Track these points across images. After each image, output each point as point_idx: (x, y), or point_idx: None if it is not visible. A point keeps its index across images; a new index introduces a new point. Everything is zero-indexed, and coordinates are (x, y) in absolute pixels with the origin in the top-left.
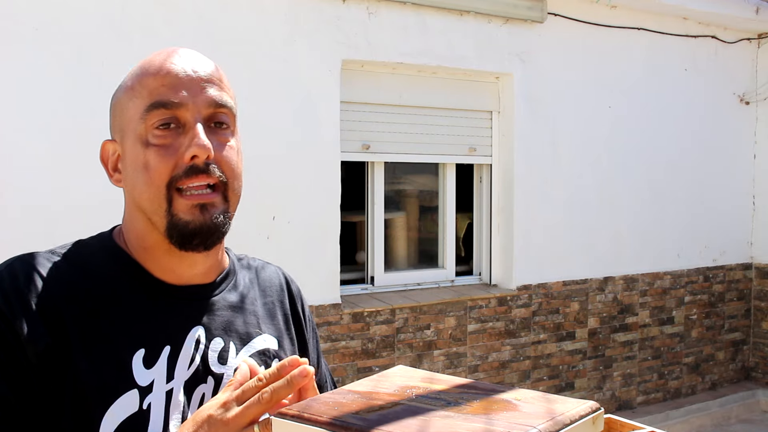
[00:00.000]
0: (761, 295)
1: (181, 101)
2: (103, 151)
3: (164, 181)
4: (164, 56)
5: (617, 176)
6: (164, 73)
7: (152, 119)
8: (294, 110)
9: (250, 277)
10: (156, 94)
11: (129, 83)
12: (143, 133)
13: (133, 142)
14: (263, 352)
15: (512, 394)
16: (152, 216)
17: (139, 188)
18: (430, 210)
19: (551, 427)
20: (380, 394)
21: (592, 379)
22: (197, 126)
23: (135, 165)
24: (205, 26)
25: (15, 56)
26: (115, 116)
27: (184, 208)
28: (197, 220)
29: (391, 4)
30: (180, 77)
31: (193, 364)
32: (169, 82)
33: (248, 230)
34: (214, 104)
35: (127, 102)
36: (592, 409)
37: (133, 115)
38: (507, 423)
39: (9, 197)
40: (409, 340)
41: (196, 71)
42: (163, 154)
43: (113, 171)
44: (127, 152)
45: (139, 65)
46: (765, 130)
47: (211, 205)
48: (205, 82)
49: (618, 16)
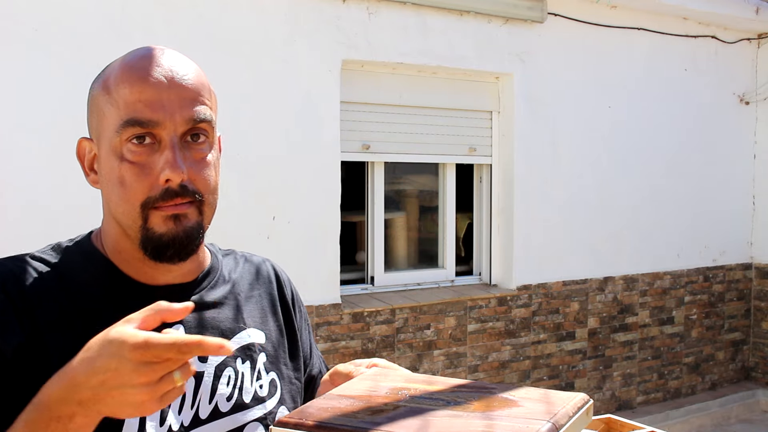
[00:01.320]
0: (761, 295)
1: (158, 120)
2: (80, 149)
3: (139, 201)
4: (145, 62)
5: (617, 176)
6: (142, 86)
7: (127, 134)
8: (294, 110)
9: (236, 271)
10: (132, 110)
11: (107, 85)
12: (117, 146)
13: (107, 152)
14: (248, 347)
15: (507, 391)
16: (126, 229)
17: (114, 201)
18: (430, 210)
19: (561, 419)
20: (376, 396)
21: (592, 379)
22: (172, 147)
23: (110, 177)
24: (204, 26)
25: (15, 56)
26: (92, 114)
27: (158, 221)
28: (171, 232)
29: (391, 4)
30: (159, 92)
31: None
32: (147, 98)
33: (248, 230)
34: (192, 121)
35: (104, 106)
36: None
37: (109, 124)
38: (514, 419)
39: (9, 197)
40: (409, 340)
41: (176, 84)
42: (138, 172)
43: (89, 170)
44: (102, 159)
45: (119, 65)
46: (765, 130)
47: (184, 217)
48: (185, 97)
49: (618, 16)
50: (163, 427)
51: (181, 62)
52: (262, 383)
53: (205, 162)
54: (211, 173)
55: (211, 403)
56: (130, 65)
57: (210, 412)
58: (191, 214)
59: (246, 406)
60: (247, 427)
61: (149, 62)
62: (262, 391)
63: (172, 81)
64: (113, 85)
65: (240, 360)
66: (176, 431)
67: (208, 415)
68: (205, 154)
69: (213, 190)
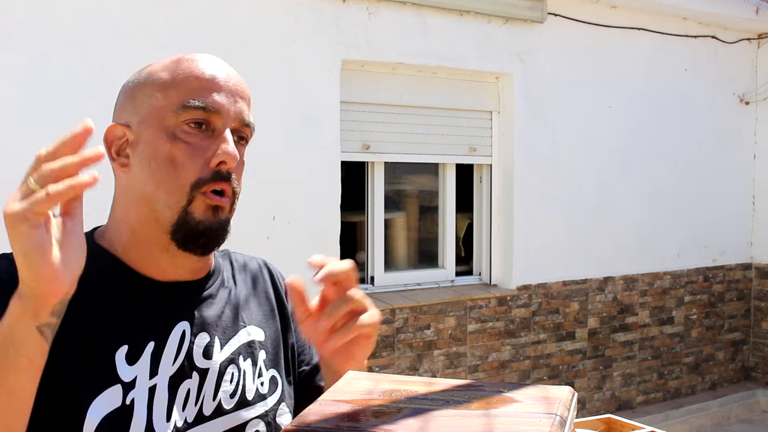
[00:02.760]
0: (761, 295)
1: (219, 108)
2: (109, 134)
3: (190, 180)
4: (207, 61)
5: (617, 176)
6: (209, 76)
7: (186, 116)
8: (294, 110)
9: (234, 272)
10: (197, 94)
11: (161, 75)
12: (172, 126)
13: (156, 132)
14: (249, 344)
15: (504, 389)
16: (162, 209)
17: (158, 179)
18: (430, 210)
19: (564, 412)
20: (373, 400)
21: (592, 379)
22: (227, 133)
23: (157, 156)
24: (205, 26)
25: (14, 57)
26: (132, 101)
27: (201, 207)
28: (208, 221)
29: (391, 4)
30: (222, 86)
31: (178, 360)
32: (212, 87)
33: (248, 230)
34: (243, 121)
35: (156, 91)
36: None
37: (164, 105)
38: (518, 416)
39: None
40: (409, 340)
41: (235, 84)
42: (192, 153)
43: (116, 155)
44: (146, 141)
45: (180, 59)
46: (765, 130)
47: (221, 210)
48: (240, 97)
49: (618, 16)
50: (169, 423)
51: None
52: (263, 380)
53: (242, 164)
54: (241, 177)
55: (215, 400)
56: (191, 61)
57: (214, 409)
58: (226, 208)
59: (249, 403)
60: (249, 424)
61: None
62: (263, 389)
63: (234, 81)
64: (173, 74)
65: (242, 357)
66: (181, 427)
67: (212, 411)
68: (243, 156)
69: (241, 187)
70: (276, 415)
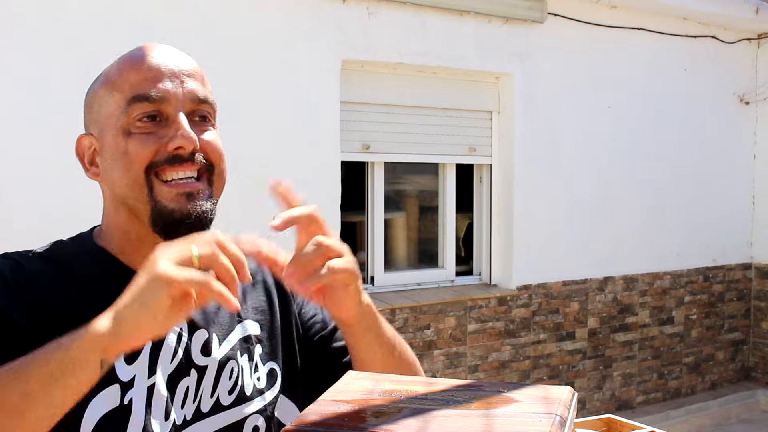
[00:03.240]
0: (761, 295)
1: (164, 95)
2: (79, 145)
3: (143, 165)
4: (144, 51)
5: (617, 176)
6: (146, 66)
7: (135, 111)
8: (294, 110)
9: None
10: (138, 87)
11: (108, 77)
12: (125, 124)
13: (114, 135)
14: (245, 339)
15: (503, 389)
16: (135, 204)
17: (117, 174)
18: (430, 210)
19: (564, 412)
20: (373, 400)
21: (592, 379)
22: (180, 116)
23: (114, 154)
24: (205, 26)
25: (15, 56)
26: (91, 110)
27: (168, 196)
28: (183, 209)
29: (391, 4)
30: (162, 71)
31: (176, 358)
32: (152, 76)
33: (248, 230)
34: (197, 99)
35: (107, 96)
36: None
37: (114, 108)
38: (518, 416)
39: (8, 198)
40: (409, 340)
41: (178, 65)
42: (144, 140)
43: (89, 165)
44: (107, 145)
45: (118, 60)
46: (765, 130)
47: (196, 194)
48: (187, 76)
49: (618, 16)
50: (168, 422)
51: (181, 53)
52: (259, 375)
53: (214, 135)
54: (219, 150)
55: (212, 397)
56: (130, 56)
57: (212, 405)
58: (202, 188)
59: (247, 398)
60: (248, 419)
61: (151, 51)
62: (260, 384)
63: (176, 62)
64: (116, 75)
65: (239, 353)
66: (179, 425)
67: (209, 408)
68: (212, 131)
69: (222, 159)
70: (274, 409)
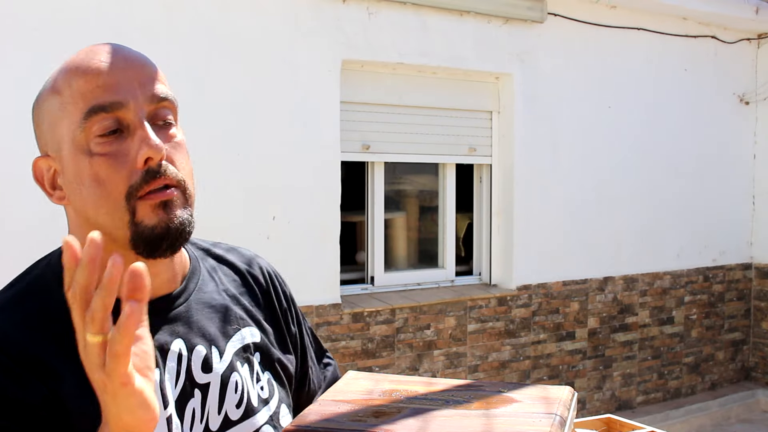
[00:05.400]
0: (761, 295)
1: (120, 101)
2: (37, 170)
3: (122, 193)
4: (90, 54)
5: (617, 176)
6: (96, 72)
7: (92, 126)
8: (294, 110)
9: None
10: (91, 98)
11: (55, 88)
12: (84, 142)
13: (73, 154)
14: (244, 348)
15: (503, 389)
16: (113, 231)
17: (93, 203)
18: (430, 210)
19: (564, 412)
20: (373, 400)
21: (592, 379)
22: (145, 125)
23: (82, 179)
24: (204, 27)
25: (15, 56)
26: (43, 129)
27: (147, 212)
28: (163, 221)
29: (391, 4)
30: (114, 74)
31: (179, 381)
32: (104, 82)
33: (248, 230)
34: (156, 98)
35: (57, 111)
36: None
37: (69, 125)
38: (518, 416)
39: (7, 199)
40: (409, 340)
41: (129, 65)
42: (113, 163)
43: (52, 189)
44: (69, 166)
45: (62, 68)
46: (765, 130)
47: (172, 203)
48: (142, 75)
49: (618, 16)
50: None
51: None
52: (262, 384)
53: (179, 144)
54: (186, 157)
55: (220, 414)
56: (75, 62)
57: (221, 422)
58: (178, 199)
59: (255, 410)
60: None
61: (96, 53)
62: (264, 393)
63: (126, 63)
64: (64, 86)
65: (240, 363)
66: None
67: (219, 426)
68: (175, 135)
69: (190, 174)
70: (279, 417)
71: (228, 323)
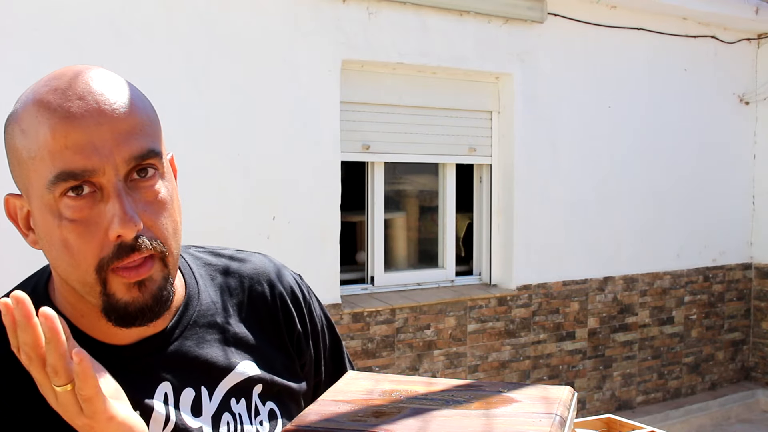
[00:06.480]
0: (761, 295)
1: (93, 167)
2: (10, 207)
3: (92, 265)
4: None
5: (617, 176)
6: (65, 128)
7: (60, 189)
8: (294, 110)
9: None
10: (61, 161)
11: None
12: (52, 203)
13: (41, 212)
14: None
15: (503, 389)
16: (85, 295)
17: (63, 268)
18: (430, 210)
19: (564, 412)
20: (373, 400)
21: (591, 379)
22: (118, 196)
23: (51, 240)
24: (204, 27)
25: (15, 56)
26: (14, 164)
27: (120, 288)
28: (137, 301)
29: (391, 4)
30: (86, 132)
31: (168, 426)
32: (74, 143)
33: (248, 230)
34: (138, 158)
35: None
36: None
37: (37, 179)
38: (518, 416)
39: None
40: (409, 340)
41: (107, 117)
42: (82, 231)
43: (27, 230)
44: (37, 217)
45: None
46: (765, 130)
47: (149, 280)
48: (121, 131)
49: (618, 16)
50: None
51: (107, 86)
52: (261, 419)
53: (160, 202)
54: (169, 214)
55: None
56: (45, 102)
57: None
58: (155, 273)
59: None
60: None
61: (67, 94)
62: (263, 428)
63: (101, 114)
64: (31, 130)
65: (234, 400)
66: None
67: None
68: (157, 192)
69: (174, 234)
70: None
71: (225, 358)
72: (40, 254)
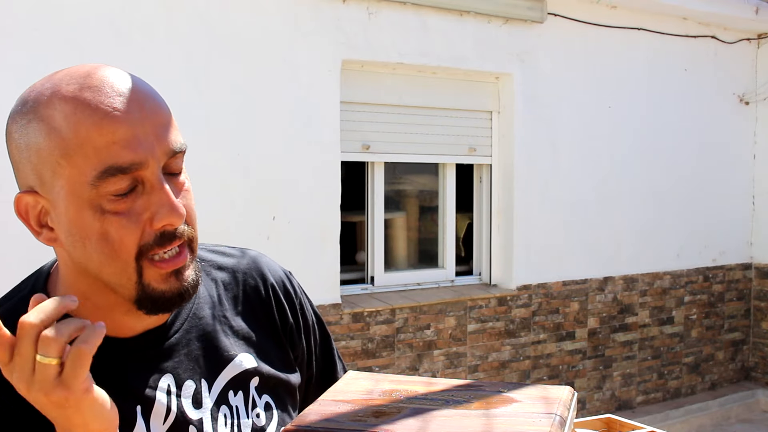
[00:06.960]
0: (761, 295)
1: (141, 161)
2: (20, 205)
3: (132, 254)
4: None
5: (617, 176)
6: (111, 123)
7: (109, 187)
8: (294, 110)
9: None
10: (107, 156)
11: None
12: (95, 199)
13: (77, 208)
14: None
15: (504, 389)
16: (117, 286)
17: (97, 260)
18: (430, 210)
19: (564, 412)
20: (373, 400)
21: (591, 379)
22: (165, 187)
23: (87, 234)
24: (204, 27)
25: (16, 56)
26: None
27: (157, 278)
28: (174, 288)
29: (391, 4)
30: (132, 127)
31: (169, 418)
32: (121, 137)
33: (248, 230)
34: (172, 152)
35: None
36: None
37: (74, 176)
38: (518, 416)
39: (6, 202)
40: (409, 340)
41: (146, 113)
42: (125, 223)
43: (39, 227)
44: (68, 217)
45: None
46: (765, 130)
47: (184, 269)
48: (158, 125)
49: (618, 16)
50: None
51: (136, 83)
52: (258, 411)
53: (187, 191)
54: (193, 203)
55: None
56: (81, 100)
57: None
58: (188, 261)
59: None
60: None
61: (105, 91)
62: (259, 420)
63: (142, 110)
64: (65, 126)
65: (232, 393)
66: None
67: None
68: (184, 182)
69: (196, 219)
70: None
71: (224, 351)
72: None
